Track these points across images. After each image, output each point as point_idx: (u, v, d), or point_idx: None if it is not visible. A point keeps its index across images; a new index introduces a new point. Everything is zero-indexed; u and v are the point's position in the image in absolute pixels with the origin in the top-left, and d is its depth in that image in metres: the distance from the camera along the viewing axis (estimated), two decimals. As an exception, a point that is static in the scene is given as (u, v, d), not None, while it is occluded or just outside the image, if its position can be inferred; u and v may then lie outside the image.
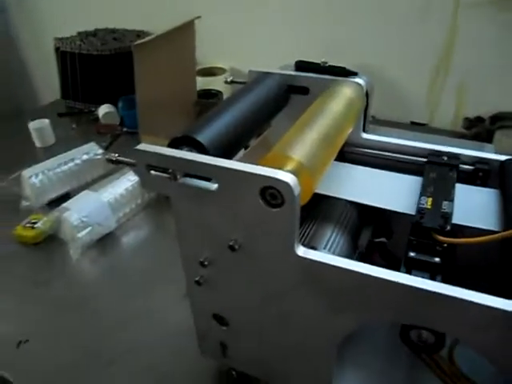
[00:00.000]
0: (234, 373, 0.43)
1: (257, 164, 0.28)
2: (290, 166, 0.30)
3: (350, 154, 0.45)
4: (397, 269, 0.30)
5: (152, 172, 0.31)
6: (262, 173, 0.27)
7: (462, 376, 0.38)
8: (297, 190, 0.27)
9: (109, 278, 0.58)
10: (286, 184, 0.27)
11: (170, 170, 0.30)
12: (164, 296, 0.53)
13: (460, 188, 0.38)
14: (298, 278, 0.31)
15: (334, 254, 0.36)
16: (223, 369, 0.44)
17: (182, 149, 0.31)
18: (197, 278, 0.35)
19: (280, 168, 0.28)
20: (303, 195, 0.28)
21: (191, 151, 0.31)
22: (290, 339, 0.35)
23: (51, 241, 0.63)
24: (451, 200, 0.36)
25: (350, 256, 0.38)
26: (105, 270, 0.59)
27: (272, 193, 0.28)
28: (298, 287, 0.31)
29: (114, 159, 0.33)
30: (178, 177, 0.30)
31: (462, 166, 0.41)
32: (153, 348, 0.48)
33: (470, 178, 0.40)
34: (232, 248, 0.31)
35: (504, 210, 0.35)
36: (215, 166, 0.29)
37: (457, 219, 0.34)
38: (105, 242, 0.63)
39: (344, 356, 0.41)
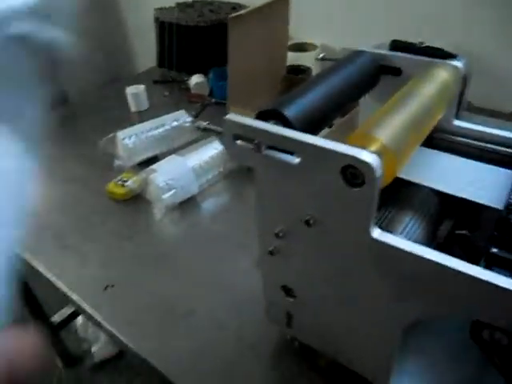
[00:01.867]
0: (296, 343, 0.44)
1: (341, 142, 0.29)
2: (374, 147, 0.30)
3: (440, 140, 0.43)
4: (476, 264, 0.29)
5: (238, 142, 0.33)
6: (345, 151, 0.27)
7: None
8: (379, 172, 0.27)
9: (188, 239, 0.61)
10: (368, 164, 0.27)
11: (256, 141, 0.31)
12: (237, 262, 0.56)
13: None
14: (369, 260, 0.31)
15: (409, 240, 0.35)
16: (287, 338, 0.46)
17: (268, 122, 0.32)
18: (270, 249, 0.36)
19: (364, 148, 0.28)
20: (385, 178, 0.28)
21: (277, 124, 0.32)
22: (352, 319, 0.36)
23: (139, 199, 0.68)
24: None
25: (427, 245, 0.38)
26: (184, 232, 0.63)
27: (353, 172, 0.28)
28: (369, 269, 0.31)
29: (203, 127, 0.35)
30: (263, 148, 0.31)
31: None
32: (222, 308, 0.50)
33: None
34: (307, 223, 0.32)
35: None
36: (299, 140, 0.29)
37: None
38: (186, 205, 0.66)
39: (409, 342, 0.40)
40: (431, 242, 0.39)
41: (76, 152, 0.82)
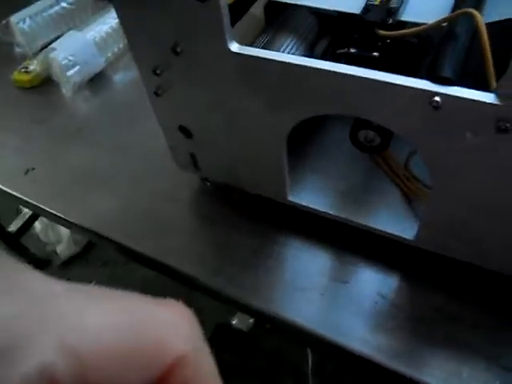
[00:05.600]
0: (208, 184, 0.48)
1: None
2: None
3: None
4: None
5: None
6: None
7: (412, 177, 0.41)
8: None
9: (102, 112, 0.61)
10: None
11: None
12: (150, 125, 0.56)
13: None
14: (235, 75, 0.32)
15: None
16: (198, 180, 0.49)
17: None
18: (154, 89, 0.37)
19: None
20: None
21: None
22: (242, 142, 0.38)
23: (47, 84, 0.66)
24: (403, -3, 0.35)
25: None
26: (98, 106, 0.63)
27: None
28: (238, 86, 0.33)
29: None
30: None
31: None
32: (138, 168, 0.53)
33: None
34: (175, 51, 0.33)
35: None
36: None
37: (406, 16, 0.34)
38: (96, 81, 0.65)
39: (303, 162, 0.44)
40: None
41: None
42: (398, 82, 0.27)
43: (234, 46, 0.30)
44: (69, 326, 0.12)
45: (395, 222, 0.39)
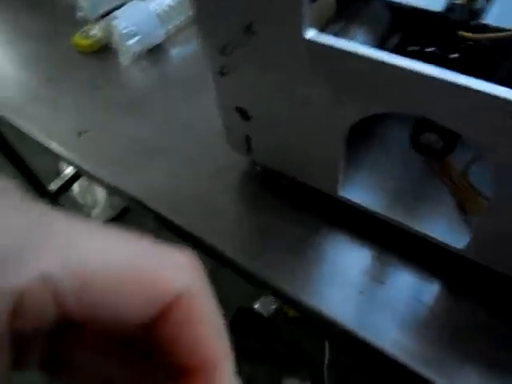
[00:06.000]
0: (258, 168, 0.48)
1: None
2: None
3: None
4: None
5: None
6: None
7: (470, 187, 0.40)
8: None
9: (158, 85, 0.62)
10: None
11: None
12: (205, 103, 0.57)
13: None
14: (306, 62, 0.32)
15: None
16: (250, 164, 0.49)
17: None
18: (219, 69, 0.37)
19: None
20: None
21: None
22: (303, 131, 0.38)
23: (106, 50, 0.67)
24: (489, -1, 0.33)
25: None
26: (154, 78, 0.63)
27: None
28: (307, 73, 0.32)
29: None
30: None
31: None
32: (191, 145, 0.53)
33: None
34: (248, 29, 0.32)
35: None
36: None
37: (490, 19, 0.32)
38: (154, 52, 0.65)
39: (358, 158, 0.43)
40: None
41: (34, 6, 0.78)
42: (480, 88, 0.26)
43: (311, 33, 0.30)
44: (75, 246, 0.12)
45: (446, 230, 0.38)
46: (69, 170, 1.30)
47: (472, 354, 0.37)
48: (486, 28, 0.32)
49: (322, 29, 0.38)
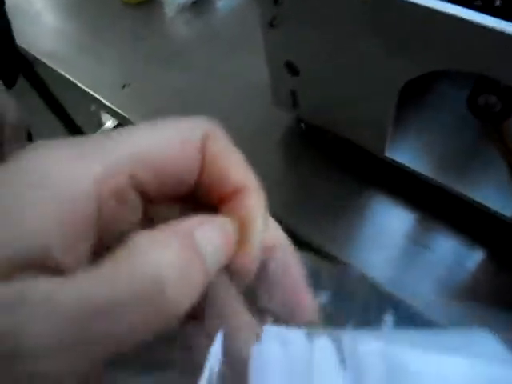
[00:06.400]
0: (302, 124, 0.47)
1: None
2: None
3: None
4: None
5: None
6: None
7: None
8: None
9: (202, 38, 0.61)
10: None
11: None
12: (248, 58, 0.56)
13: None
14: (363, 14, 0.30)
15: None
16: (293, 122, 0.48)
17: None
18: (270, 19, 0.36)
19: None
20: None
21: None
22: (352, 87, 0.37)
23: (152, 2, 0.66)
24: None
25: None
26: (198, 31, 0.62)
27: None
28: (363, 26, 0.31)
29: None
30: None
31: None
32: (233, 98, 0.52)
33: None
34: (303, -20, 0.31)
35: None
36: None
37: None
38: (199, 4, 0.64)
39: (407, 118, 0.42)
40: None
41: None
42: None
43: (372, -17, 0.28)
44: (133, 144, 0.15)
45: (496, 197, 0.37)
46: (110, 123, 1.32)
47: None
48: None
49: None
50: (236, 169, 0.16)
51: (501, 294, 0.37)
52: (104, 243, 0.14)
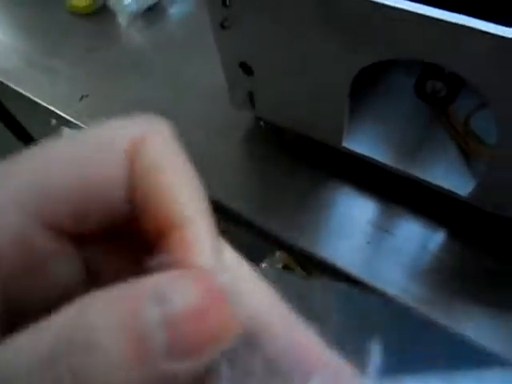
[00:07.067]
0: (262, 123, 0.48)
1: None
2: None
3: None
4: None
5: None
6: None
7: (472, 134, 0.40)
8: None
9: (156, 45, 0.61)
10: None
11: None
12: (204, 63, 0.56)
13: None
14: (313, 9, 0.31)
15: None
16: (252, 121, 0.49)
17: None
18: (220, 21, 0.37)
19: None
20: None
21: None
22: (307, 83, 0.38)
23: (103, 12, 0.66)
24: None
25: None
26: (152, 39, 0.62)
27: None
28: (314, 21, 0.32)
29: None
30: None
31: None
32: (193, 104, 0.53)
33: None
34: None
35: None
36: None
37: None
38: (152, 12, 0.64)
39: (361, 109, 0.43)
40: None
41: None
42: (482, 28, 0.25)
43: (315, -21, 0.29)
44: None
45: (450, 178, 0.38)
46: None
47: (479, 297, 0.38)
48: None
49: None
50: (174, 190, 0.12)
51: (466, 272, 0.39)
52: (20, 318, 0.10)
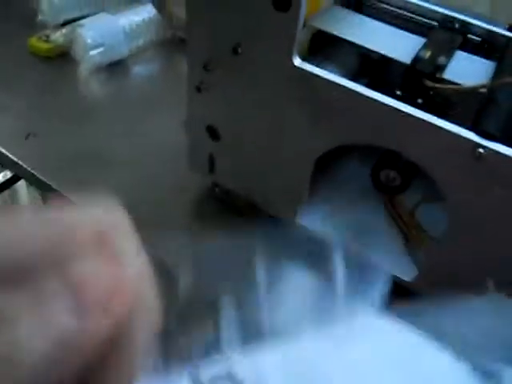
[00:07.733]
0: (217, 189, 0.48)
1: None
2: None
3: (368, 7, 0.46)
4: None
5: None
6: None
7: (418, 225, 0.43)
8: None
9: (114, 99, 0.61)
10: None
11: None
12: (162, 121, 0.56)
13: (461, 54, 0.40)
14: (289, 87, 0.33)
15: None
16: (208, 186, 0.49)
17: None
18: (197, 84, 0.38)
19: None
20: (310, 4, 0.30)
21: None
22: (271, 157, 0.39)
23: (65, 58, 0.65)
24: (449, 57, 0.38)
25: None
26: (111, 92, 0.62)
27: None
28: (287, 98, 0.34)
29: None
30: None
31: (470, 35, 0.42)
32: (146, 160, 0.52)
33: (476, 49, 0.42)
34: (235, 51, 0.34)
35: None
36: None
37: (450, 76, 0.36)
38: (115, 67, 0.65)
39: (317, 189, 0.45)
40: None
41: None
42: (447, 127, 0.28)
43: (298, 61, 0.32)
44: None
45: (396, 263, 0.40)
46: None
47: None
48: (446, 81, 0.36)
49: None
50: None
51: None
52: None
